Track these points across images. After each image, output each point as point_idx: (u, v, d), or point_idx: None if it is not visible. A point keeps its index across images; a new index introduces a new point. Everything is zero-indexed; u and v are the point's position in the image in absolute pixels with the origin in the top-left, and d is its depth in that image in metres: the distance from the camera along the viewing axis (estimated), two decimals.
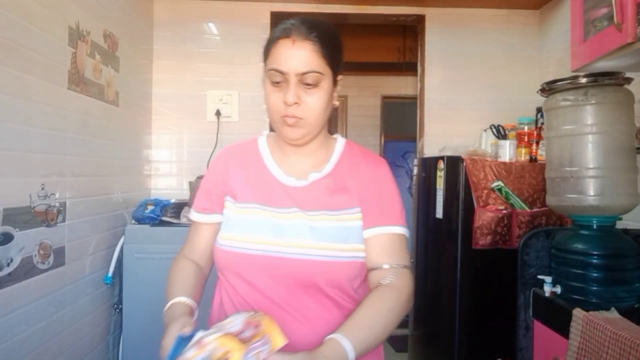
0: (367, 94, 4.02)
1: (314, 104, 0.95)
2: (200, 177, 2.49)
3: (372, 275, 1.00)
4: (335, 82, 1.00)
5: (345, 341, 0.85)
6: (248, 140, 1.13)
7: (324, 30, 0.96)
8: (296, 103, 0.94)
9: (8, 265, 1.50)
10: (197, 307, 0.99)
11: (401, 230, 1.02)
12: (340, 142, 1.09)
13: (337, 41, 0.99)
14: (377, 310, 0.92)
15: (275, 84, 0.95)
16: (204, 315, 1.04)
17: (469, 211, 2.22)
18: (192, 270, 1.06)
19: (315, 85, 0.94)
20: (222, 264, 1.02)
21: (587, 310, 1.39)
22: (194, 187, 2.49)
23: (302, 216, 0.98)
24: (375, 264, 0.99)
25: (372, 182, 1.03)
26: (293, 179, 1.03)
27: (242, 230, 0.99)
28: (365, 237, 1.00)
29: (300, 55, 0.93)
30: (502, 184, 2.21)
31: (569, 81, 1.55)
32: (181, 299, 0.96)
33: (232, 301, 1.01)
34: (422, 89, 3.01)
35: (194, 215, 1.10)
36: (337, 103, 1.03)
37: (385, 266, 0.98)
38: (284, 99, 0.93)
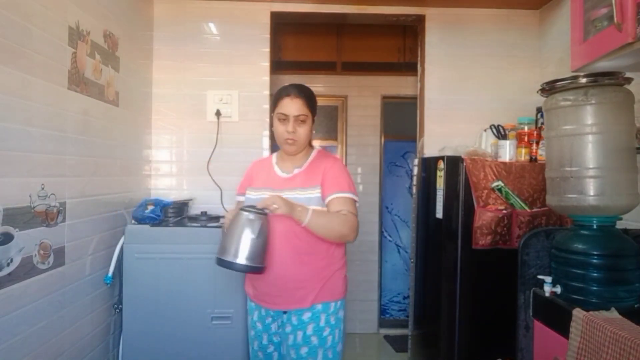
0: (367, 94, 4.00)
1: (302, 132, 1.76)
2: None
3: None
4: (313, 120, 1.80)
5: (311, 209, 1.65)
6: (268, 156, 1.99)
7: (307, 91, 1.78)
8: (293, 132, 1.74)
9: (8, 265, 1.50)
10: None
11: (349, 195, 1.73)
12: (314, 150, 1.88)
13: (313, 96, 1.80)
14: (332, 214, 1.69)
15: (281, 120, 1.75)
16: None
17: (469, 211, 2.22)
18: None
19: (303, 121, 1.75)
20: None
21: (587, 310, 1.39)
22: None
23: (287, 193, 1.72)
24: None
25: (329, 170, 1.77)
26: (285, 173, 1.82)
27: (257, 201, 1.70)
28: (326, 202, 1.72)
29: (295, 105, 1.74)
30: (502, 184, 2.22)
31: (569, 81, 1.55)
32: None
33: None
34: (422, 89, 3.01)
35: (238, 197, 1.93)
36: (313, 131, 1.84)
37: (344, 212, 1.69)
38: (286, 129, 1.74)
